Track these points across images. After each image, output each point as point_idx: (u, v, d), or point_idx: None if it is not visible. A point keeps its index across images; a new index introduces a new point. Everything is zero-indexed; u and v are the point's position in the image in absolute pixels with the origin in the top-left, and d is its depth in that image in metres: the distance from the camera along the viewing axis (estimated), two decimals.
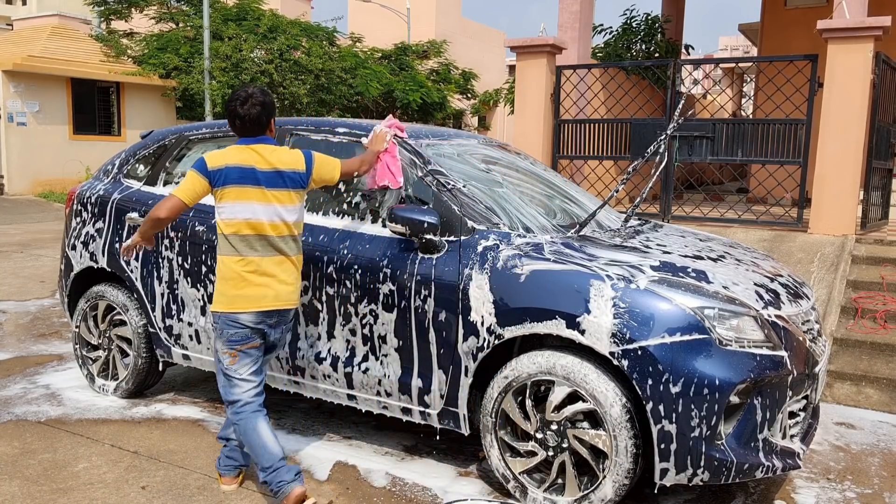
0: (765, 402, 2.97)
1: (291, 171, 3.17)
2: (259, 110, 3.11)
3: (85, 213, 4.58)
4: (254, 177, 3.09)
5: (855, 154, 6.22)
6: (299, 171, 3.19)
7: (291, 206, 3.18)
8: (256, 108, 3.11)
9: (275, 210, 3.12)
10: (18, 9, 38.99)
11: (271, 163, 3.12)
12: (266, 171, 3.11)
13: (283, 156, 3.17)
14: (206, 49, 16.73)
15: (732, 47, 62.54)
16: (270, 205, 3.11)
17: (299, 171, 3.19)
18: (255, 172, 3.09)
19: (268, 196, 3.11)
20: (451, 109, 23.30)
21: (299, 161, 3.21)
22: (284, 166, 3.15)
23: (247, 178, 3.08)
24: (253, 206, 3.08)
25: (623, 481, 2.98)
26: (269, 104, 3.16)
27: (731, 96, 19.19)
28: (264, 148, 3.15)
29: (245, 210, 3.08)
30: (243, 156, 3.11)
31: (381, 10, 29.41)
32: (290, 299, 3.22)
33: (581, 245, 3.31)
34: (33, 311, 6.63)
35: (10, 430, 3.95)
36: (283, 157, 3.17)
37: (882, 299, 5.48)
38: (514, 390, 3.18)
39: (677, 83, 7.52)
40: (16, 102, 16.10)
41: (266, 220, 3.10)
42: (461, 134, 4.32)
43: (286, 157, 3.17)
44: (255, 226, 3.09)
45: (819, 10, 9.66)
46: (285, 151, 3.21)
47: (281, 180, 3.14)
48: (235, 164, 3.09)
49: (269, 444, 3.10)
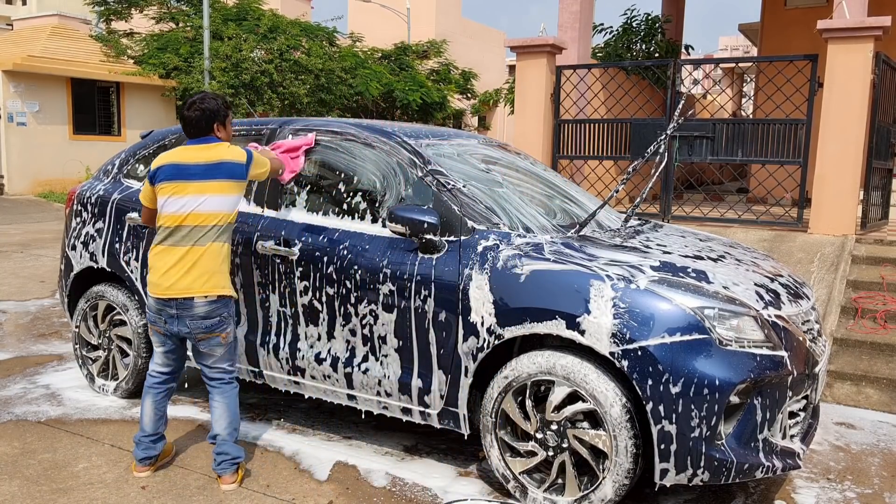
0: (765, 402, 2.97)
1: (230, 162, 3.33)
2: (199, 114, 3.34)
3: (85, 214, 4.58)
4: (187, 172, 3.29)
5: (855, 154, 6.22)
6: (239, 162, 3.36)
7: (224, 196, 3.32)
8: (197, 113, 3.35)
9: (206, 200, 3.28)
10: (18, 9, 38.99)
11: (209, 157, 3.32)
12: (201, 165, 3.30)
13: (222, 151, 3.36)
14: (206, 49, 16.73)
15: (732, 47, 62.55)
16: (202, 195, 3.28)
17: (239, 163, 3.36)
18: (188, 168, 3.30)
19: (201, 188, 3.28)
20: (451, 109, 23.30)
21: (240, 155, 3.38)
22: (222, 158, 3.33)
23: (180, 174, 3.30)
24: (182, 199, 3.28)
25: (623, 481, 2.98)
26: (213, 109, 3.36)
27: (731, 96, 19.19)
28: (204, 146, 3.36)
29: (173, 204, 3.29)
30: (182, 154, 3.35)
31: (381, 10, 29.41)
32: (190, 288, 3.26)
33: (581, 245, 3.31)
34: (33, 311, 6.63)
35: (10, 430, 3.95)
36: (223, 151, 3.35)
37: (882, 299, 5.48)
38: (514, 390, 3.18)
39: (677, 83, 7.52)
40: (16, 102, 16.10)
41: (193, 211, 3.27)
42: (461, 134, 4.32)
43: (225, 152, 3.36)
44: (179, 217, 3.28)
45: (819, 10, 9.66)
46: (226, 147, 3.38)
47: (217, 171, 3.31)
48: (171, 162, 3.34)
49: (144, 419, 3.46)
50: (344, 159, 3.84)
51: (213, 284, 3.29)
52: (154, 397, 3.48)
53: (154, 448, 3.50)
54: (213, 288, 3.29)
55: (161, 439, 3.53)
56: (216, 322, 3.32)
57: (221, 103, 3.42)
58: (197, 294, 3.26)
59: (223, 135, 3.43)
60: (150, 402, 3.47)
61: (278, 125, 4.09)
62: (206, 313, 3.29)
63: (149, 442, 3.47)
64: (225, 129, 3.44)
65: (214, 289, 3.29)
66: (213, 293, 3.29)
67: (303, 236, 3.72)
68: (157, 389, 3.49)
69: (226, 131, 3.45)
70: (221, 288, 3.32)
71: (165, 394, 3.52)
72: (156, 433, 3.49)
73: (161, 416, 3.50)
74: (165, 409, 3.53)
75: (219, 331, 3.34)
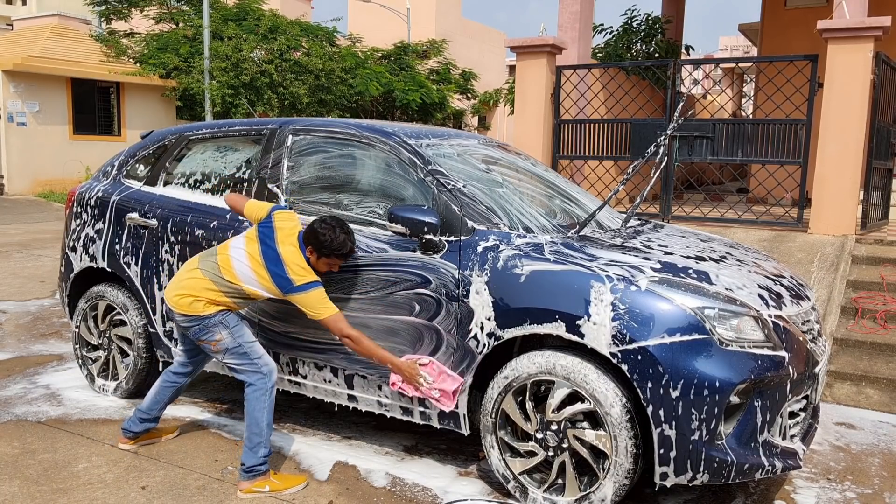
0: (765, 402, 2.97)
1: (284, 270, 3.35)
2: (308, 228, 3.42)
3: (85, 215, 4.58)
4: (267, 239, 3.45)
5: (855, 154, 6.22)
6: (287, 276, 3.35)
7: (254, 274, 3.41)
8: (310, 229, 3.40)
9: (244, 260, 3.43)
10: (18, 9, 39.01)
11: (283, 249, 3.39)
12: (274, 244, 3.41)
13: (295, 259, 3.37)
14: (206, 49, 16.73)
15: (732, 47, 62.51)
16: (245, 255, 3.44)
17: (287, 277, 3.35)
18: (271, 237, 3.44)
19: (253, 251, 3.44)
20: (451, 109, 23.29)
21: (298, 277, 3.35)
22: (286, 262, 3.36)
23: (263, 232, 3.47)
24: (243, 249, 3.47)
25: (623, 481, 2.98)
26: (314, 233, 3.36)
27: (731, 96, 19.19)
28: (294, 246, 3.41)
29: (235, 248, 3.50)
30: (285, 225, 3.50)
31: (381, 10, 29.41)
32: (170, 300, 3.46)
33: (581, 245, 3.31)
34: (33, 311, 6.63)
35: (10, 430, 3.95)
36: (295, 261, 3.37)
37: (882, 299, 5.48)
38: (514, 390, 3.18)
39: (677, 83, 7.52)
40: (16, 102, 16.10)
41: (232, 259, 3.46)
42: (461, 134, 4.31)
43: (294, 262, 3.37)
44: (223, 255, 3.51)
45: (819, 10, 9.66)
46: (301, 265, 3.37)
47: (273, 263, 3.39)
48: (274, 222, 3.50)
49: (147, 398, 3.75)
50: (345, 160, 3.84)
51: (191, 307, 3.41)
52: (161, 382, 3.75)
53: (137, 425, 3.73)
54: (191, 310, 3.41)
55: (150, 422, 3.76)
56: (198, 329, 3.42)
57: (335, 245, 3.33)
58: (175, 309, 3.45)
59: (311, 259, 3.38)
60: (157, 384, 3.76)
61: (278, 125, 4.09)
62: (186, 323, 3.45)
63: (137, 417, 3.73)
64: (318, 259, 3.38)
65: (192, 310, 3.41)
66: (190, 313, 3.41)
67: None
68: (167, 377, 3.74)
69: (317, 261, 3.38)
70: (200, 311, 3.41)
71: (170, 386, 3.73)
72: (148, 413, 3.73)
73: (158, 401, 3.73)
74: (166, 398, 3.74)
75: (205, 338, 3.42)
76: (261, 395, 3.37)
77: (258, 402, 3.36)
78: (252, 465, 3.32)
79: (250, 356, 3.41)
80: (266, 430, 3.36)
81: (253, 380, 3.40)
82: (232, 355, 3.42)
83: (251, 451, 3.34)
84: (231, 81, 17.10)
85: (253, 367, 3.41)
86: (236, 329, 3.43)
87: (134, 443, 3.75)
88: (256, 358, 3.42)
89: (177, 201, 4.23)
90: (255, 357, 3.42)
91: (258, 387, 3.38)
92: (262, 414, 3.35)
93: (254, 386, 3.39)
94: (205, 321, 3.40)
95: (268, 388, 3.39)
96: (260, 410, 3.35)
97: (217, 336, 3.40)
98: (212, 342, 3.41)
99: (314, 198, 3.85)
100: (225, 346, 3.41)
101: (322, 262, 3.39)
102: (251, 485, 3.31)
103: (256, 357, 3.42)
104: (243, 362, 3.42)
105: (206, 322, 3.40)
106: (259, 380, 3.39)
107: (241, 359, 3.42)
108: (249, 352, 3.42)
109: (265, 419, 3.35)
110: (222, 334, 3.40)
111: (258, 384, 3.39)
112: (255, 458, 3.33)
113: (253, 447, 3.34)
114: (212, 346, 3.43)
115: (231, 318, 3.45)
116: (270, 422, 3.39)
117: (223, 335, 3.40)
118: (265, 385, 3.39)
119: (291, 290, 3.32)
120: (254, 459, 3.33)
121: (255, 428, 3.34)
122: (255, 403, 3.36)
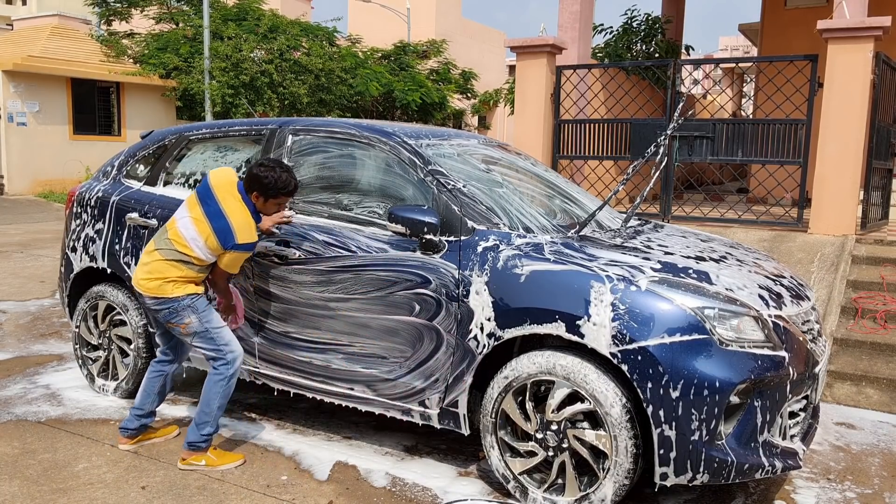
0: (765, 402, 2.97)
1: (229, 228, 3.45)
2: (248, 173, 3.54)
3: (85, 215, 4.58)
4: (206, 200, 3.55)
5: (855, 154, 6.22)
6: (234, 235, 3.45)
7: (198, 237, 3.49)
8: (250, 171, 3.53)
9: (189, 226, 3.52)
10: (18, 9, 39.00)
11: (227, 206, 3.49)
12: (216, 203, 3.51)
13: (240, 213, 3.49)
14: (206, 49, 16.73)
15: (732, 47, 62.49)
16: (190, 221, 3.54)
17: (233, 235, 3.45)
18: (211, 199, 3.53)
19: (197, 215, 3.53)
20: (451, 109, 23.29)
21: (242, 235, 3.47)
22: (230, 218, 3.46)
23: (202, 195, 3.57)
24: (187, 216, 3.56)
25: (623, 481, 2.98)
26: (255, 177, 3.49)
27: (731, 96, 19.19)
28: (237, 197, 3.53)
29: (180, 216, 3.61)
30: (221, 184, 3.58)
31: (381, 10, 29.41)
32: (139, 284, 3.54)
33: (581, 245, 3.31)
34: (33, 311, 6.63)
35: (10, 430, 3.95)
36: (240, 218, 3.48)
37: (882, 299, 5.48)
38: (515, 390, 3.18)
39: (677, 83, 7.52)
40: (16, 102, 16.10)
41: (179, 227, 3.56)
42: (461, 134, 4.31)
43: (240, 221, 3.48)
44: (171, 227, 3.60)
45: (819, 10, 9.66)
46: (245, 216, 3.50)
47: (216, 221, 3.49)
48: (211, 187, 3.58)
49: (138, 394, 3.79)
50: (345, 160, 3.84)
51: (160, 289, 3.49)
52: (148, 374, 3.80)
53: (133, 422, 3.76)
54: (161, 292, 3.49)
55: (146, 417, 3.78)
56: (168, 313, 3.51)
57: (279, 184, 3.47)
58: (145, 293, 3.53)
59: (258, 204, 3.53)
60: (145, 377, 3.81)
61: (278, 125, 4.09)
62: (156, 306, 3.52)
63: (133, 415, 3.77)
64: (265, 202, 3.53)
65: (162, 293, 3.49)
66: (160, 295, 3.49)
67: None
68: (152, 367, 3.81)
69: (264, 204, 3.54)
70: (169, 293, 3.49)
71: (157, 376, 3.77)
72: (141, 408, 3.76)
73: (149, 394, 3.76)
74: (155, 390, 3.77)
75: (174, 321, 3.52)
76: (220, 380, 3.54)
77: (216, 386, 3.54)
78: (192, 441, 3.55)
79: (216, 341, 3.54)
80: (216, 412, 3.56)
81: (216, 364, 3.55)
82: (200, 339, 3.55)
83: (197, 427, 3.55)
84: (231, 81, 17.10)
85: (218, 353, 3.55)
86: (205, 314, 3.55)
87: (133, 442, 3.78)
88: (223, 344, 3.55)
89: (177, 201, 4.21)
90: (221, 343, 3.55)
91: (220, 372, 3.54)
92: (216, 398, 3.54)
93: (216, 371, 3.55)
94: (174, 304, 3.50)
95: (228, 375, 3.55)
96: (215, 394, 3.54)
97: (186, 320, 3.52)
98: (181, 325, 3.53)
99: (314, 198, 3.85)
100: (193, 330, 3.53)
101: (270, 204, 3.55)
102: (189, 457, 3.56)
103: (223, 343, 3.55)
104: (209, 346, 3.56)
105: (176, 305, 3.50)
106: (222, 365, 3.54)
107: (207, 343, 3.55)
108: (216, 337, 3.55)
109: (217, 402, 3.55)
110: (191, 318, 3.52)
111: (220, 370, 3.54)
112: (198, 436, 3.55)
113: (199, 424, 3.55)
114: (181, 328, 3.54)
115: (200, 303, 3.56)
116: (223, 405, 3.58)
117: (192, 319, 3.52)
118: (226, 372, 3.54)
119: (232, 247, 3.45)
120: (196, 436, 3.55)
121: (206, 408, 3.55)
122: (213, 387, 3.54)
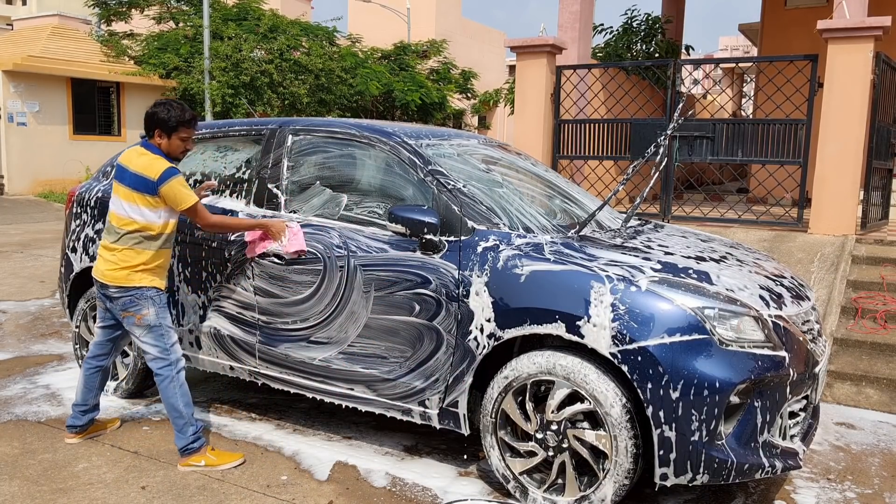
0: (765, 402, 2.97)
1: (141, 175, 3.47)
2: (146, 116, 3.57)
3: (85, 215, 4.58)
4: (120, 174, 3.57)
5: (855, 154, 6.22)
6: (149, 177, 3.46)
7: (131, 205, 3.51)
8: (147, 113, 3.57)
9: (120, 203, 3.54)
10: (18, 9, 39.01)
11: (135, 165, 3.51)
12: (128, 170, 3.52)
13: (145, 161, 3.50)
14: (206, 49, 16.72)
15: (732, 47, 62.48)
16: (117, 197, 3.56)
17: (148, 178, 3.46)
18: (122, 171, 3.56)
19: (116, 189, 3.57)
20: (451, 109, 23.28)
21: (154, 171, 3.46)
22: (138, 169, 3.49)
23: (117, 175, 3.60)
24: (116, 198, 3.58)
25: (623, 481, 2.98)
26: (161, 118, 3.51)
27: (731, 96, 19.19)
28: (140, 151, 3.56)
29: (112, 202, 3.61)
30: (126, 156, 3.61)
31: (381, 10, 29.40)
32: (105, 275, 3.56)
33: (581, 245, 3.31)
34: (33, 311, 6.63)
35: (10, 430, 3.95)
36: (145, 162, 3.49)
37: (882, 299, 5.48)
38: (515, 390, 3.18)
39: (677, 83, 7.52)
40: (16, 102, 16.10)
41: (111, 210, 3.58)
42: (461, 134, 4.31)
43: (146, 164, 3.49)
44: (110, 215, 3.60)
45: (819, 10, 9.66)
46: (150, 158, 3.50)
47: (129, 179, 3.51)
48: (118, 163, 3.62)
49: (78, 391, 3.82)
50: (345, 160, 3.84)
51: (128, 279, 3.52)
52: (84, 372, 3.81)
53: (80, 418, 3.81)
54: (127, 282, 3.52)
55: (90, 411, 3.83)
56: (128, 301, 3.53)
57: (175, 115, 3.51)
58: (110, 283, 3.55)
59: (163, 145, 3.55)
60: (81, 374, 3.83)
61: (278, 125, 4.08)
62: (118, 295, 3.54)
63: (77, 411, 3.82)
64: (168, 139, 3.54)
65: (129, 282, 3.53)
66: (126, 285, 3.52)
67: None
68: (88, 364, 3.81)
69: (168, 142, 3.54)
70: (136, 282, 3.53)
71: (94, 371, 3.80)
72: (84, 404, 3.81)
73: (90, 390, 3.80)
74: (95, 385, 3.81)
75: (132, 310, 3.53)
76: (168, 382, 3.57)
77: (168, 389, 3.57)
78: (184, 446, 3.56)
79: (165, 340, 3.58)
80: (185, 410, 3.57)
81: (158, 367, 3.58)
82: (150, 334, 3.56)
83: (180, 432, 3.57)
84: (231, 81, 17.09)
85: (163, 353, 3.57)
86: (162, 310, 3.59)
87: (81, 436, 3.82)
88: (170, 344, 3.60)
89: None
90: (168, 342, 3.59)
91: (164, 375, 3.57)
92: (175, 398, 3.56)
93: (160, 375, 3.58)
94: (138, 292, 3.53)
95: (173, 374, 3.57)
96: (173, 396, 3.56)
97: (144, 311, 3.54)
98: (138, 315, 3.54)
99: (314, 198, 3.84)
100: (148, 323, 3.55)
101: (175, 141, 3.55)
102: (188, 460, 3.56)
103: (170, 343, 3.60)
104: (157, 343, 3.57)
105: (139, 294, 3.53)
106: (164, 367, 3.57)
107: (156, 340, 3.57)
108: (165, 335, 3.59)
109: (180, 402, 3.56)
110: (150, 310, 3.55)
111: (164, 373, 3.57)
112: (186, 439, 3.56)
113: (180, 429, 3.57)
114: (136, 318, 3.54)
115: (161, 298, 3.61)
116: (188, 402, 3.59)
117: (150, 311, 3.55)
118: (170, 373, 3.57)
119: (157, 185, 3.44)
120: (184, 440, 3.56)
121: (175, 412, 3.57)
122: (167, 391, 3.57)
